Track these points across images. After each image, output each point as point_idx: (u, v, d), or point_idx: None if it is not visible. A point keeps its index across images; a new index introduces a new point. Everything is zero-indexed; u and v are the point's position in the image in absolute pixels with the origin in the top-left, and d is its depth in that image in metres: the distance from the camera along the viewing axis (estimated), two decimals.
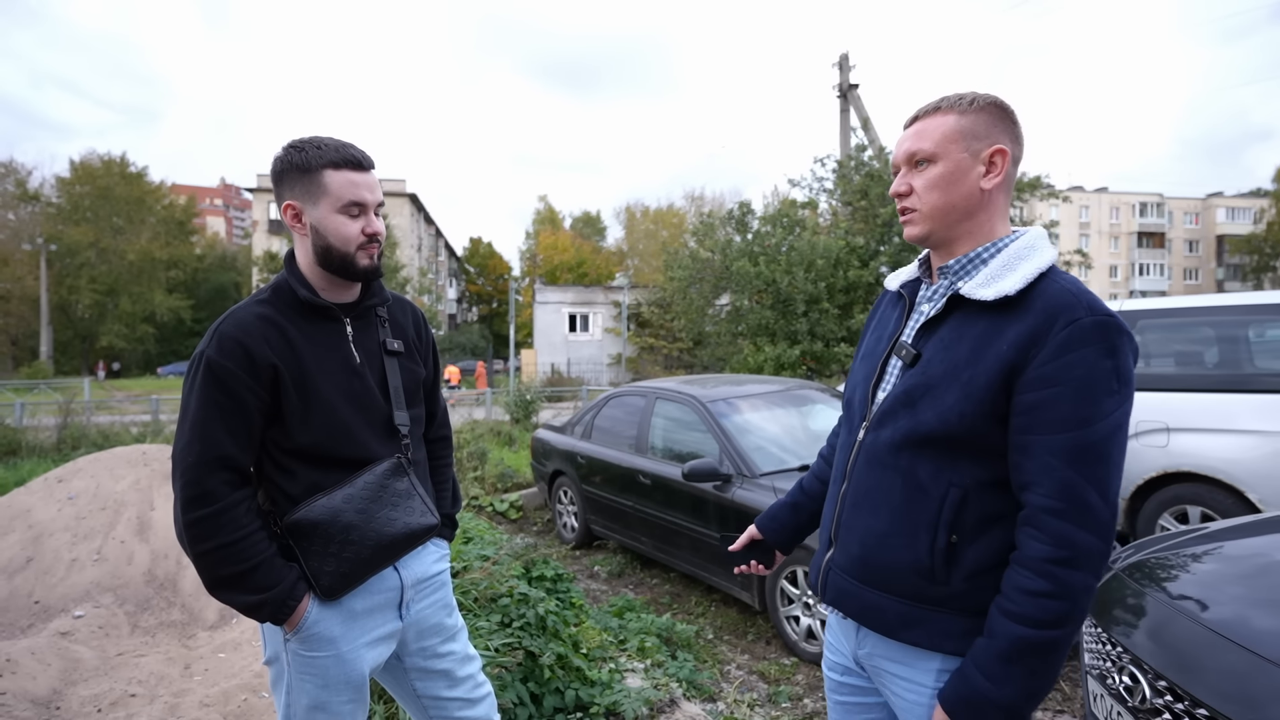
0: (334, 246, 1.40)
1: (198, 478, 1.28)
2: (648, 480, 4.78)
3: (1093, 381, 1.02)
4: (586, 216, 62.39)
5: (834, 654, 1.38)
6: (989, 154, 1.15)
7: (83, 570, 3.76)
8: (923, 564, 1.14)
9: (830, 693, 1.41)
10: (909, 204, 1.20)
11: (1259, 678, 1.50)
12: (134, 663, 3.14)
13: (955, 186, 1.16)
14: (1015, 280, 1.10)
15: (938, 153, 1.16)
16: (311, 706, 1.40)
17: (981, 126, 1.15)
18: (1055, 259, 1.13)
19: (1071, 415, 1.02)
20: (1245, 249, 55.12)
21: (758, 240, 15.77)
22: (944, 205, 1.17)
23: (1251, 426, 4.03)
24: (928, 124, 1.18)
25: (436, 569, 1.59)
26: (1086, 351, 1.02)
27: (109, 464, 4.49)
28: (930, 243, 1.22)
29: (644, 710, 2.75)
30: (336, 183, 1.38)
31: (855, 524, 1.24)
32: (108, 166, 42.90)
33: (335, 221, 1.39)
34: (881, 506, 1.19)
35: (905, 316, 1.27)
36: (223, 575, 1.30)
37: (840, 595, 1.27)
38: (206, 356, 1.31)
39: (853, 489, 1.25)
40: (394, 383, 1.50)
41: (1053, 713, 3.01)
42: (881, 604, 1.19)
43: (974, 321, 1.14)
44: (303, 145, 1.39)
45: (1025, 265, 1.12)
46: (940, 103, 1.18)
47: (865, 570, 1.22)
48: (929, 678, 1.17)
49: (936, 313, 1.19)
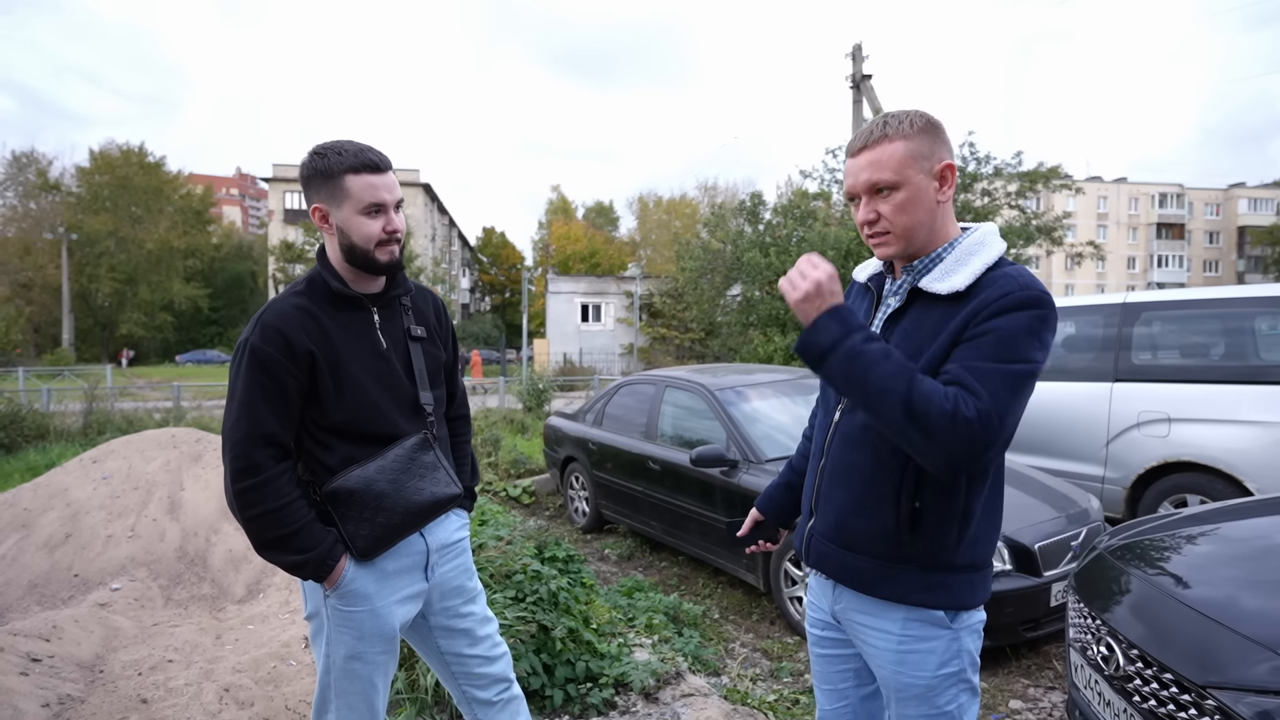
0: (357, 245, 1.53)
1: (245, 451, 1.44)
2: (657, 466, 4.92)
3: (1015, 335, 1.16)
4: (599, 206, 62.48)
5: (815, 611, 1.53)
6: (939, 170, 1.27)
7: (118, 546, 3.96)
8: (890, 529, 1.28)
9: (812, 647, 1.55)
10: (880, 229, 1.28)
11: (1218, 643, 1.62)
12: (169, 632, 3.32)
13: (919, 207, 1.26)
14: (965, 276, 1.24)
15: (899, 180, 1.25)
16: (349, 656, 1.56)
17: (926, 146, 1.26)
18: (1003, 251, 1.27)
19: (992, 352, 1.15)
20: (1267, 240, 54.33)
21: (769, 231, 15.81)
22: (913, 225, 1.27)
23: (1251, 417, 4.10)
24: (879, 153, 1.25)
25: (458, 536, 1.75)
26: (1015, 315, 1.17)
27: (140, 446, 4.68)
28: (903, 258, 1.33)
29: (651, 681, 2.89)
30: (357, 186, 1.50)
31: (833, 495, 1.38)
32: (126, 156, 43.44)
33: (357, 222, 1.52)
34: (854, 480, 1.33)
35: (874, 308, 1.41)
36: (269, 538, 1.45)
37: (821, 558, 1.41)
38: (251, 343, 1.46)
39: (830, 465, 1.39)
40: (418, 365, 1.65)
41: (1044, 689, 3.13)
42: (858, 565, 1.33)
43: (930, 311, 1.27)
44: (325, 151, 1.53)
45: (975, 260, 1.25)
46: (885, 130, 1.26)
47: (842, 535, 1.36)
48: (895, 626, 1.32)
49: (899, 305, 1.33)
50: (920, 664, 1.30)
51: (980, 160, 16.85)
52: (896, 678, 1.33)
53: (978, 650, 1.36)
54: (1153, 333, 4.82)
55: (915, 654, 1.30)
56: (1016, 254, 16.84)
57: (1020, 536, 3.29)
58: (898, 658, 1.32)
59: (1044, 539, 3.30)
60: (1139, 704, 1.73)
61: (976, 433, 1.11)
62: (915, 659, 1.30)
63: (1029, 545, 3.26)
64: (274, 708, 2.59)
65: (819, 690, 1.56)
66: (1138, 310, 4.83)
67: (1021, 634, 3.24)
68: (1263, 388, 4.12)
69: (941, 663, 1.30)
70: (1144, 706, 1.71)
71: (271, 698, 2.65)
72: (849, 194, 1.33)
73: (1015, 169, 17.11)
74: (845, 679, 1.49)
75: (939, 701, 1.31)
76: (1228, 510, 2.51)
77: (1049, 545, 3.29)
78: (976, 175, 16.72)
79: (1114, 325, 4.91)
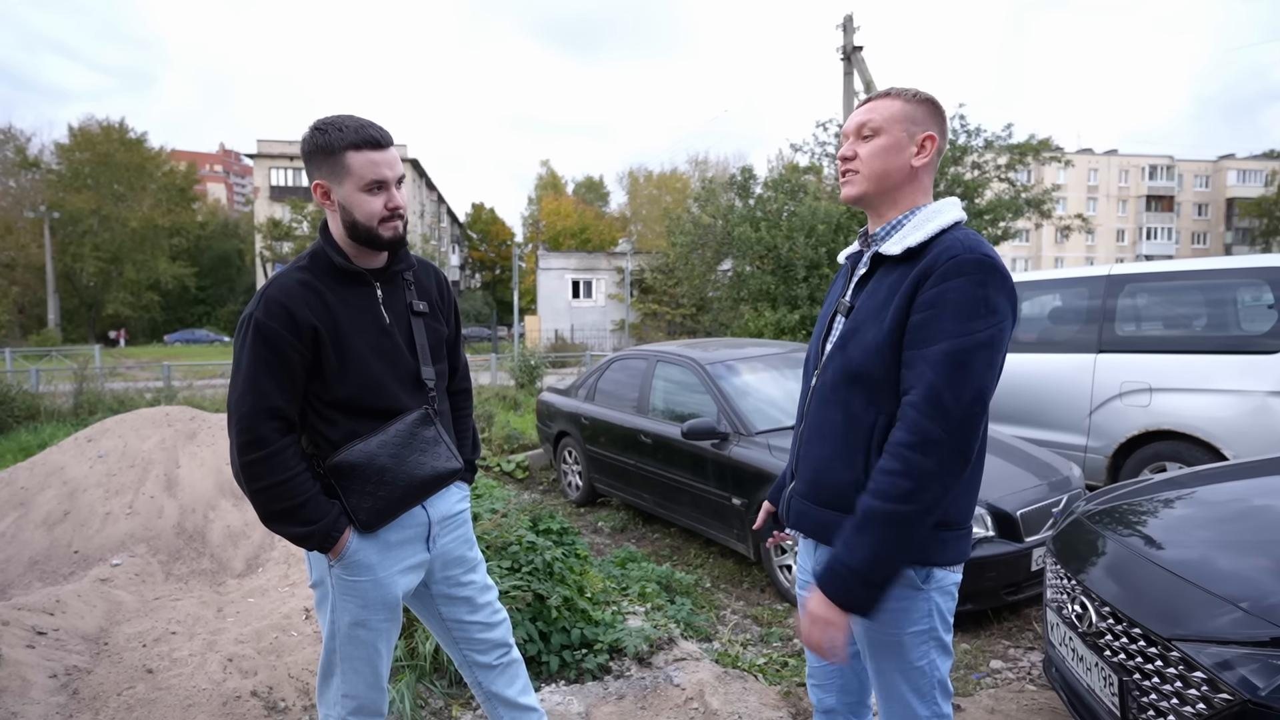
0: (359, 222, 1.54)
1: (251, 425, 1.47)
2: (649, 440, 4.98)
3: (963, 305, 1.22)
4: (589, 181, 61.93)
5: (802, 573, 1.61)
6: (922, 138, 1.37)
7: (117, 523, 4.00)
8: (860, 481, 1.34)
9: (800, 607, 1.61)
10: (852, 166, 1.40)
11: (1184, 599, 1.70)
12: (171, 605, 3.38)
13: (892, 157, 1.36)
14: (919, 235, 1.33)
15: (883, 127, 1.36)
16: (353, 624, 1.61)
17: (920, 115, 1.38)
18: (959, 219, 1.35)
19: (942, 331, 1.22)
20: (1255, 212, 54.47)
21: (760, 205, 15.78)
22: (880, 171, 1.37)
23: (1228, 386, 4.19)
24: (878, 104, 1.39)
25: (459, 508, 1.79)
26: (960, 280, 1.23)
27: (135, 424, 4.70)
28: (864, 203, 1.42)
29: (644, 647, 2.98)
30: (358, 163, 1.50)
31: (809, 454, 1.46)
32: (107, 133, 42.59)
33: (359, 199, 1.52)
34: (828, 437, 1.41)
35: (849, 282, 1.49)
36: (275, 510, 1.49)
37: (799, 517, 1.49)
38: (255, 318, 1.48)
39: (807, 426, 1.48)
40: (420, 341, 1.67)
41: (1024, 649, 3.24)
42: (831, 520, 1.39)
43: (889, 273, 1.37)
44: (325, 127, 1.52)
45: (930, 224, 1.34)
46: (890, 90, 1.40)
47: (817, 492, 1.44)
48: None
49: (864, 272, 1.43)
50: (892, 621, 1.37)
51: (970, 133, 16.81)
52: (869, 633, 1.41)
53: (950, 610, 1.42)
54: (1136, 304, 4.90)
55: (888, 611, 1.35)
56: (1006, 227, 16.89)
57: (1003, 504, 3.38)
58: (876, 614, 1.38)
59: (1026, 506, 3.39)
60: (1109, 658, 1.82)
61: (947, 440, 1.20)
62: (888, 616, 1.36)
63: (1011, 512, 3.35)
64: (277, 676, 2.66)
65: (813, 659, 1.65)
66: (1122, 282, 4.90)
67: (1003, 597, 3.35)
68: (1241, 357, 4.20)
69: (913, 620, 1.37)
70: (1114, 660, 1.80)
71: (274, 667, 2.71)
72: (844, 136, 1.43)
73: (1005, 142, 17.08)
74: None
75: (910, 657, 1.39)
76: (1203, 475, 2.59)
77: (1030, 512, 3.38)
78: (967, 148, 16.69)
79: (1098, 297, 4.98)
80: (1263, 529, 2.00)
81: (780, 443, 4.05)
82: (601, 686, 2.73)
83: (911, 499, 1.21)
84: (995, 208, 16.41)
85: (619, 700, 2.62)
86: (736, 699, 2.60)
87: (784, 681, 2.85)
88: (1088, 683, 1.93)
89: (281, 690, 2.59)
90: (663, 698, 2.62)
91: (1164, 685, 1.63)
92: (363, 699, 1.68)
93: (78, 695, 2.52)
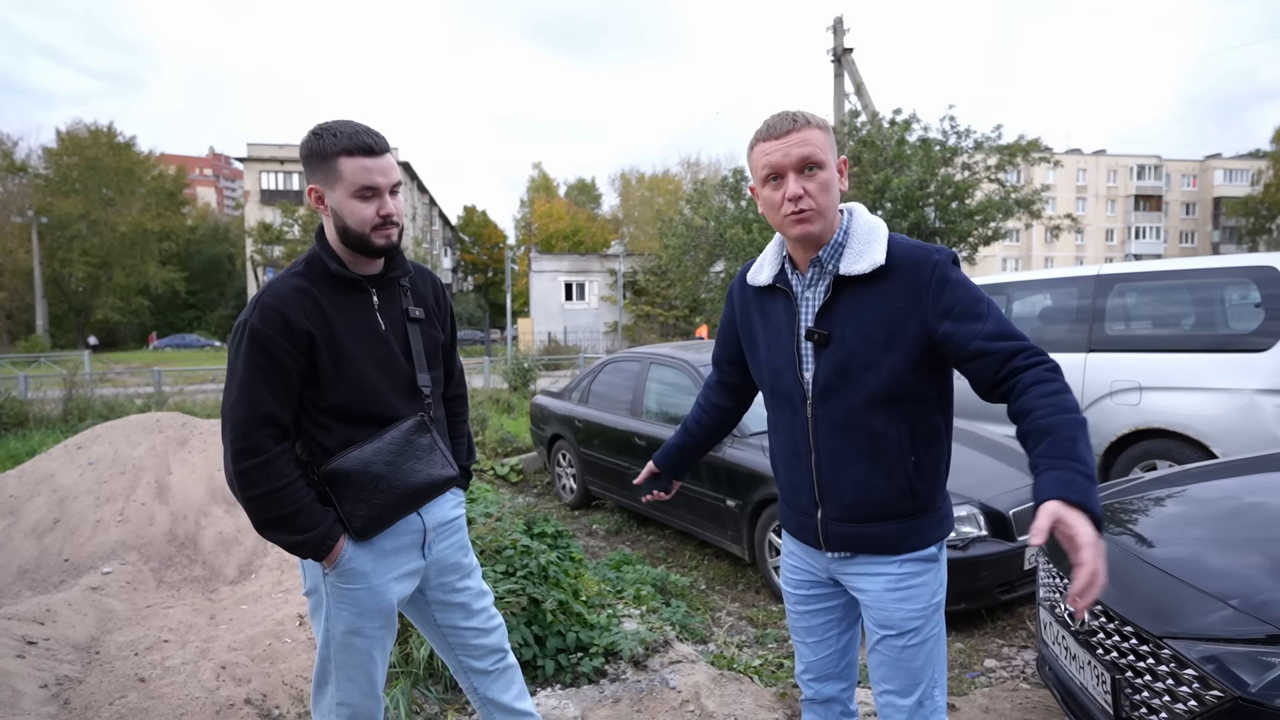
0: (352, 228, 1.53)
1: (245, 432, 1.45)
2: (643, 442, 4.98)
3: (968, 289, 1.36)
4: (581, 184, 61.91)
5: (799, 574, 1.63)
6: (840, 162, 1.43)
7: (107, 531, 3.97)
8: (903, 487, 1.44)
9: (796, 605, 1.65)
10: (807, 205, 1.37)
11: (1175, 598, 1.71)
12: (163, 613, 3.36)
13: (833, 190, 1.40)
14: (879, 251, 1.39)
15: (824, 159, 1.37)
16: (348, 631, 1.60)
17: (831, 140, 1.42)
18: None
19: (976, 311, 1.33)
20: (1242, 211, 54.95)
21: (752, 207, 15.82)
22: (828, 206, 1.39)
23: (1216, 384, 4.22)
24: (808, 135, 1.36)
25: (454, 514, 1.79)
26: (952, 275, 1.37)
27: (125, 431, 4.67)
28: (818, 238, 1.42)
29: (640, 650, 2.97)
30: (350, 169, 1.49)
31: (840, 480, 1.47)
32: (95, 137, 42.30)
33: (350, 205, 1.50)
34: (858, 459, 1.44)
35: (794, 306, 1.48)
36: (270, 518, 1.48)
37: (845, 539, 1.49)
38: (250, 324, 1.47)
39: (824, 455, 1.47)
40: (416, 347, 1.66)
41: (1018, 648, 3.25)
42: (883, 531, 1.46)
43: (861, 295, 1.40)
44: (321, 132, 1.51)
45: (877, 238, 1.41)
46: (808, 119, 1.38)
47: (861, 512, 1.46)
48: (894, 567, 1.48)
49: (828, 298, 1.42)
50: (917, 598, 1.46)
51: (961, 134, 16.90)
52: (895, 614, 1.46)
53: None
54: (1125, 304, 4.93)
55: (914, 589, 1.45)
56: (996, 227, 16.97)
57: (995, 503, 3.39)
58: (898, 595, 1.46)
59: (1018, 505, 3.41)
60: (1102, 656, 1.83)
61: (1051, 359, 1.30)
62: (914, 593, 1.46)
63: (1003, 511, 3.36)
64: (271, 683, 2.64)
65: (803, 644, 1.66)
66: (1111, 282, 4.93)
67: (996, 596, 3.36)
68: (1229, 355, 4.24)
69: (932, 593, 1.48)
70: (1107, 658, 1.81)
71: (268, 674, 2.70)
72: (774, 170, 1.38)
73: (995, 142, 17.18)
74: (830, 628, 1.62)
75: (929, 629, 1.47)
76: (1193, 473, 2.61)
77: (1023, 511, 3.40)
78: (957, 149, 16.78)
79: (1088, 297, 5.01)
80: (1253, 526, 2.01)
81: None
82: (597, 690, 2.72)
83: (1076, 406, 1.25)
84: (985, 208, 16.50)
85: (615, 704, 2.62)
86: (732, 701, 2.61)
87: (779, 683, 2.85)
88: (1081, 681, 1.94)
89: (275, 698, 2.58)
90: (659, 700, 2.62)
91: (1156, 683, 1.64)
92: (358, 707, 1.67)
93: (69, 705, 2.50)
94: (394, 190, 1.56)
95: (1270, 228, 53.07)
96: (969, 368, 1.34)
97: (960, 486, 3.43)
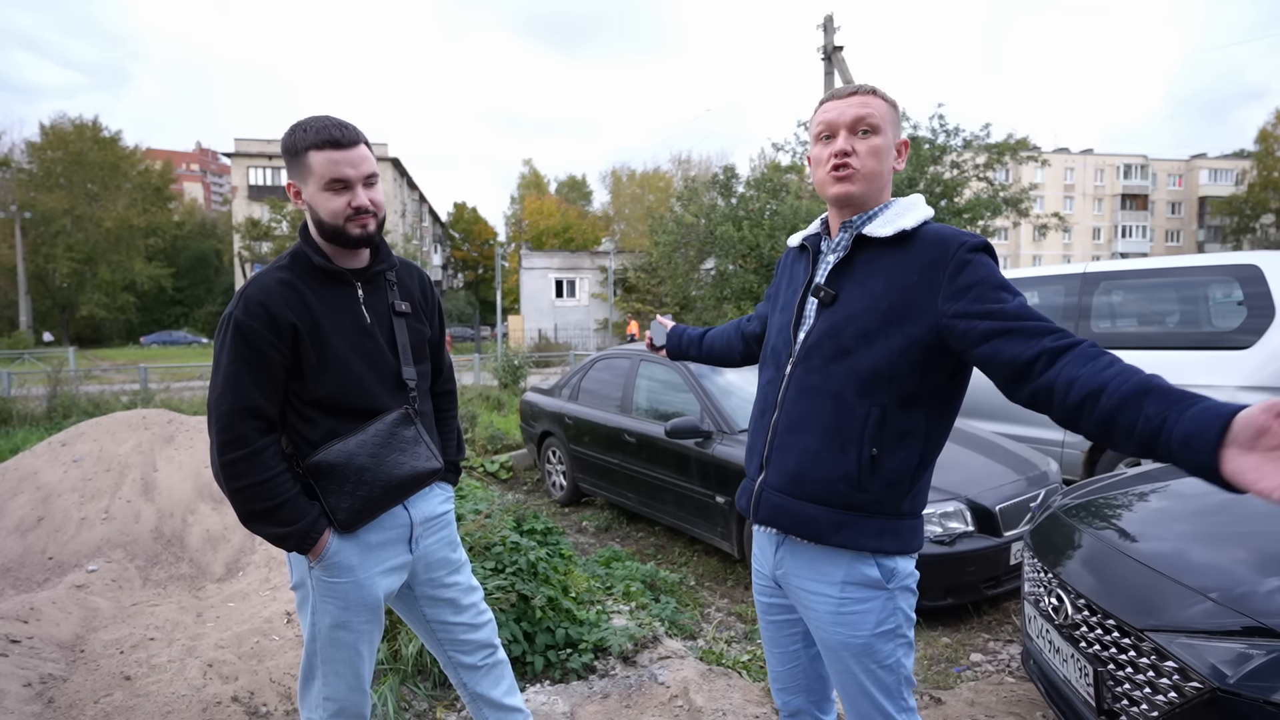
0: (325, 220, 1.53)
1: (230, 424, 1.46)
2: (633, 439, 4.99)
3: (992, 274, 1.25)
4: (572, 180, 61.81)
5: (759, 579, 1.56)
6: (899, 143, 1.41)
7: (92, 528, 3.93)
8: (851, 474, 1.32)
9: (761, 615, 1.59)
10: (851, 162, 1.34)
11: (1157, 591, 1.73)
12: (149, 611, 3.34)
13: (884, 160, 1.36)
14: (910, 220, 1.33)
15: (882, 126, 1.35)
16: (334, 625, 1.60)
17: (897, 119, 1.40)
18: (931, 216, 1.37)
19: (996, 296, 1.22)
20: (1226, 210, 55.54)
21: (742, 204, 15.85)
22: (875, 172, 1.35)
23: (1200, 381, 4.27)
24: (870, 100, 1.35)
25: (442, 509, 1.78)
26: (976, 258, 1.26)
27: (110, 428, 4.63)
28: (854, 202, 1.38)
29: (629, 646, 2.98)
30: (318, 162, 1.49)
31: (791, 445, 1.39)
32: (80, 131, 41.82)
33: (321, 198, 1.52)
34: (814, 427, 1.35)
35: (812, 265, 1.46)
36: (254, 510, 1.48)
37: (774, 512, 1.42)
38: (235, 317, 1.47)
39: (785, 416, 1.41)
40: (402, 341, 1.67)
41: (1004, 642, 3.28)
42: (813, 514, 1.36)
43: (879, 259, 1.34)
44: (294, 128, 1.53)
45: (914, 213, 1.35)
46: (874, 89, 1.38)
47: (799, 485, 1.37)
48: (835, 589, 1.37)
49: (845, 255, 1.38)
50: (859, 623, 1.35)
51: (950, 132, 16.99)
52: (835, 637, 1.38)
53: (912, 607, 1.41)
54: (1111, 301, 4.98)
55: (854, 614, 1.35)
56: (984, 226, 17.09)
57: (982, 499, 3.42)
58: (837, 618, 1.37)
59: (1004, 501, 3.44)
60: (1085, 649, 1.85)
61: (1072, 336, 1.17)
62: (854, 619, 1.35)
63: (990, 507, 3.39)
64: (258, 681, 2.63)
65: (769, 653, 1.61)
66: (1097, 280, 4.98)
67: (983, 591, 3.39)
68: (1213, 353, 4.29)
69: (879, 621, 1.36)
70: (1089, 651, 1.83)
71: (255, 671, 2.69)
72: (828, 128, 1.37)
73: (984, 141, 17.29)
74: (794, 641, 1.55)
75: (878, 657, 1.37)
76: (1175, 469, 2.64)
77: (1009, 507, 3.43)
78: (946, 147, 16.88)
79: (1074, 295, 5.05)
80: (1233, 522, 2.04)
81: None
82: (586, 686, 2.73)
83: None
84: (974, 206, 16.61)
85: (604, 699, 2.62)
86: (721, 696, 2.62)
87: (768, 678, 2.87)
88: (1064, 674, 1.96)
89: (263, 695, 2.56)
90: (648, 696, 2.63)
91: (1137, 675, 1.66)
92: (344, 701, 1.67)
93: (53, 704, 2.48)
94: (369, 182, 1.55)
95: (1254, 227, 53.67)
96: (985, 350, 1.18)
97: (947, 482, 3.45)
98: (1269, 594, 1.56)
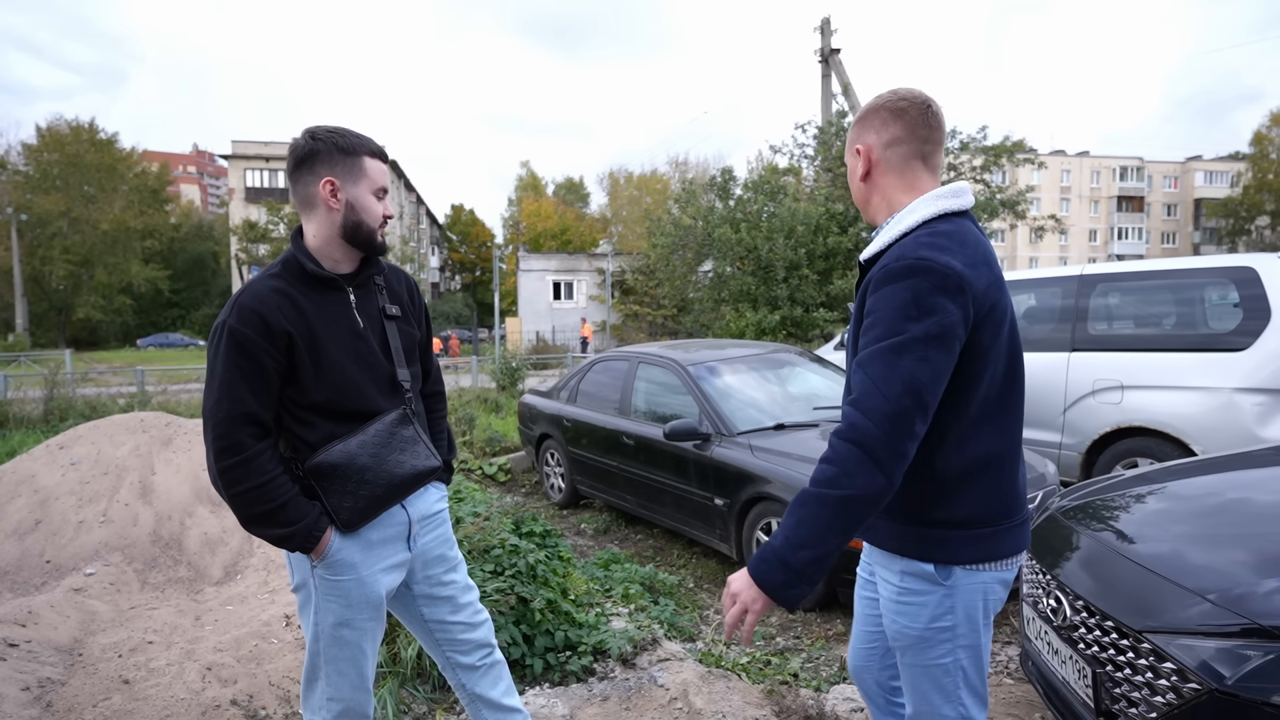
0: (364, 223, 1.61)
1: (227, 431, 1.47)
2: (631, 441, 4.99)
3: (892, 309, 1.27)
4: (570, 182, 61.81)
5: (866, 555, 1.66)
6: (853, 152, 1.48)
7: (90, 531, 3.93)
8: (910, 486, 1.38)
9: (857, 589, 1.71)
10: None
11: (1155, 593, 1.74)
12: (147, 615, 3.33)
13: (853, 182, 1.52)
14: (878, 244, 1.41)
15: (848, 153, 1.51)
16: (337, 624, 1.61)
17: (855, 131, 1.48)
18: (923, 218, 1.35)
19: (875, 336, 1.29)
20: (1222, 212, 55.69)
21: (740, 207, 15.87)
22: (858, 198, 1.54)
23: (1196, 383, 4.28)
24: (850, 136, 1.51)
25: (438, 507, 1.81)
26: (888, 288, 1.28)
27: (108, 431, 4.62)
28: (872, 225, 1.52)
29: (628, 648, 2.98)
30: (374, 169, 1.62)
31: None
32: (76, 133, 41.72)
33: (370, 202, 1.62)
34: None
35: None
36: (255, 513, 1.49)
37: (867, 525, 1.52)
38: (229, 325, 1.49)
39: None
40: (394, 344, 1.70)
41: (1001, 644, 3.29)
42: (881, 526, 1.47)
43: (867, 278, 1.42)
44: (343, 131, 1.61)
45: (893, 230, 1.39)
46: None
47: None
48: (895, 577, 1.45)
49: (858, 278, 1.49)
50: (913, 615, 1.40)
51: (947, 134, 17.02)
52: (892, 625, 1.46)
53: (981, 611, 1.39)
54: (1108, 304, 4.99)
55: (910, 605, 1.41)
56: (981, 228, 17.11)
57: None
58: (895, 606, 1.44)
59: None
60: (1083, 650, 1.86)
61: (874, 431, 1.22)
62: (909, 610, 1.41)
63: None
64: (257, 684, 2.63)
65: (855, 629, 1.72)
66: (1093, 282, 4.99)
67: None
68: (1208, 355, 4.30)
69: (933, 617, 1.38)
70: (1088, 653, 1.84)
71: (254, 675, 2.68)
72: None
73: (981, 143, 17.32)
74: (878, 622, 1.62)
75: (932, 654, 1.40)
76: (1173, 470, 2.65)
77: None
78: None
79: (1071, 297, 5.07)
80: (1231, 523, 2.05)
81: (762, 443, 4.08)
82: (586, 688, 2.73)
83: (835, 484, 1.23)
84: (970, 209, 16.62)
85: (603, 702, 2.62)
86: (720, 698, 2.62)
87: (767, 680, 2.87)
88: (1063, 675, 1.97)
89: (262, 698, 2.56)
90: (647, 698, 2.63)
91: (1135, 676, 1.67)
92: (349, 701, 1.68)
93: (51, 708, 2.48)
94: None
95: (1249, 229, 53.79)
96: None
97: None
98: (1267, 595, 1.57)
